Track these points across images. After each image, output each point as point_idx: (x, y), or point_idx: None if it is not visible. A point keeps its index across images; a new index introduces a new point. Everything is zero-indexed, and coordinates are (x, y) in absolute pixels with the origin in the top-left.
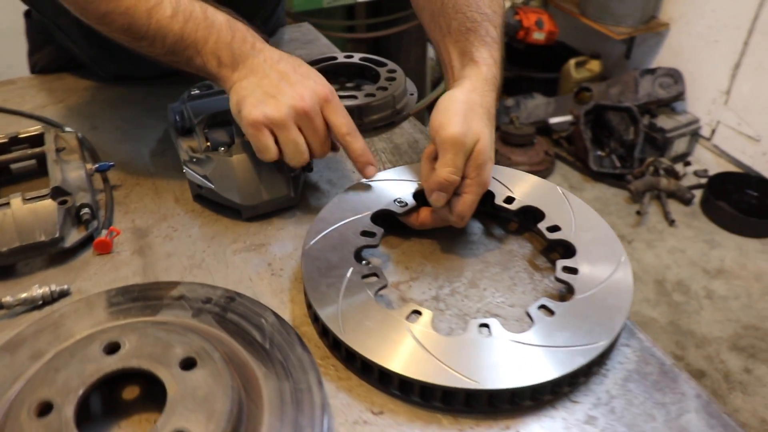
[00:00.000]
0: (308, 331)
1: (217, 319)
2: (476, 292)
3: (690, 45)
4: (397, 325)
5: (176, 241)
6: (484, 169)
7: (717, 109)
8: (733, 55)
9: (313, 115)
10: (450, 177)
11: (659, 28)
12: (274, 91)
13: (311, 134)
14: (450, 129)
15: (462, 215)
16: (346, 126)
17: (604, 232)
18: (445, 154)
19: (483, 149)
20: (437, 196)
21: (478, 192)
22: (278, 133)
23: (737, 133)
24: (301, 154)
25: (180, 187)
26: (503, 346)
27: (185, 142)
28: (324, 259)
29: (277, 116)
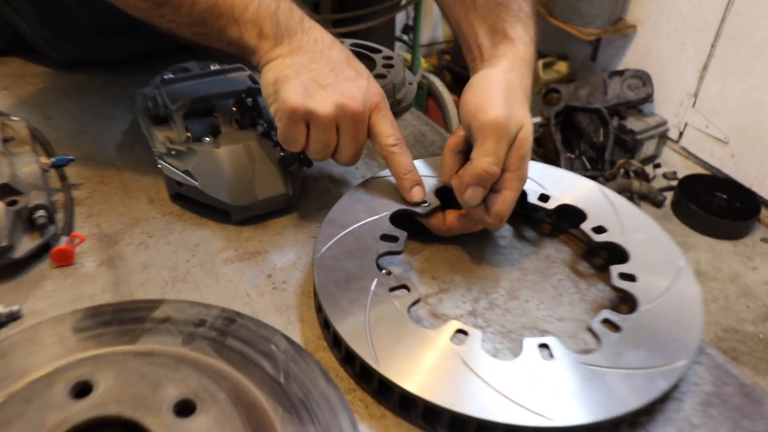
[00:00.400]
0: (325, 358)
1: (214, 347)
2: (518, 304)
3: (657, 47)
4: (441, 349)
5: (153, 249)
6: (526, 161)
7: (685, 111)
8: (701, 58)
9: (361, 120)
10: (491, 168)
11: (626, 29)
12: (324, 80)
13: (348, 140)
14: (492, 112)
15: (501, 215)
16: (394, 138)
17: (655, 233)
18: (485, 141)
19: (526, 138)
20: (473, 193)
21: (518, 188)
22: (314, 129)
23: (705, 135)
24: (326, 155)
25: (154, 185)
26: (570, 371)
27: (161, 132)
28: (341, 269)
29: (321, 112)
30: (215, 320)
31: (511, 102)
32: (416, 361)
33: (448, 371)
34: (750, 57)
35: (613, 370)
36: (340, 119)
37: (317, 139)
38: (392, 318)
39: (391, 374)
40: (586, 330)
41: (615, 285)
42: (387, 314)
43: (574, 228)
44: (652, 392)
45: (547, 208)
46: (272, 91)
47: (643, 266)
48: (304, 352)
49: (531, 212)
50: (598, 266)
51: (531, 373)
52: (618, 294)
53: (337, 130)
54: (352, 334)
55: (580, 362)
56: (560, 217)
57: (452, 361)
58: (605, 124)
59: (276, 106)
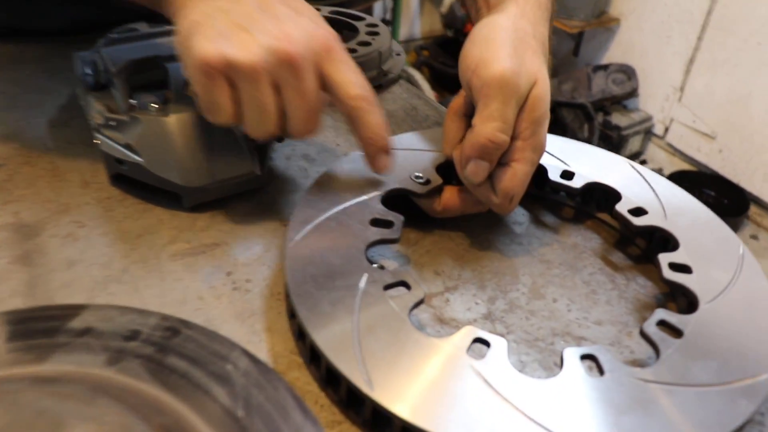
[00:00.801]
0: (300, 379)
1: (150, 368)
2: (543, 305)
3: (641, 41)
4: (456, 365)
5: (83, 242)
6: (542, 126)
7: (670, 106)
8: (687, 51)
9: (303, 66)
10: (496, 136)
11: (610, 23)
12: (247, 21)
13: (294, 96)
14: (496, 66)
15: (510, 194)
16: (357, 86)
17: (704, 216)
18: (488, 102)
19: (541, 96)
20: (475, 168)
21: (533, 160)
22: (241, 86)
23: (692, 130)
24: (268, 124)
25: (91, 166)
26: (628, 391)
27: (99, 100)
28: (321, 263)
29: (243, 59)
30: (153, 331)
31: (521, 52)
32: (422, 383)
33: (466, 395)
34: (738, 50)
35: (681, 388)
36: (273, 69)
37: (249, 101)
38: (388, 324)
39: (389, 401)
40: (629, 335)
41: (666, 278)
42: (381, 319)
43: (603, 211)
44: (735, 416)
45: (573, 186)
46: (183, 45)
47: (697, 255)
48: (271, 373)
49: (550, 194)
50: (635, 257)
51: (576, 394)
52: (665, 290)
53: (276, 89)
54: (336, 346)
55: (637, 378)
56: (586, 199)
57: (471, 381)
58: (590, 119)
59: (187, 64)
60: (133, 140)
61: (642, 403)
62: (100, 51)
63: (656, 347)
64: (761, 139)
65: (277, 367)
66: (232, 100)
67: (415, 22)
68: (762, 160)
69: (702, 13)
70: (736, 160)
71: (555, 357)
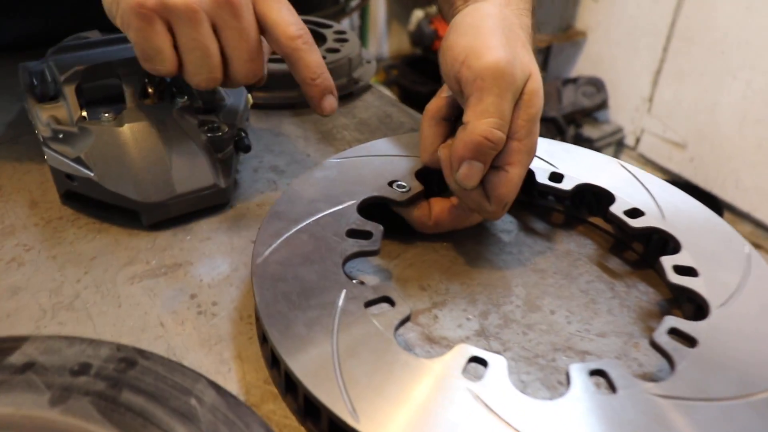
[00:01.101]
0: (276, 412)
1: (101, 407)
2: (541, 317)
3: (609, 53)
4: (451, 388)
5: (29, 267)
6: (537, 125)
7: (640, 116)
8: (654, 62)
9: (241, 5)
10: (494, 133)
11: (577, 36)
12: None
13: (234, 37)
14: (490, 55)
15: (505, 200)
16: (295, 26)
17: (704, 215)
18: (482, 95)
19: (537, 90)
20: (469, 171)
21: (527, 163)
22: (179, 28)
23: (662, 140)
24: (212, 69)
25: (41, 184)
26: (645, 409)
27: (46, 110)
28: (293, 279)
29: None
30: (105, 364)
31: (513, 42)
32: (413, 410)
33: (464, 423)
34: (703, 59)
35: (702, 404)
36: (212, 10)
37: (188, 44)
38: (372, 345)
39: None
40: (636, 346)
41: (672, 282)
42: (364, 340)
43: (595, 215)
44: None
45: (562, 189)
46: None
47: (701, 256)
48: (242, 407)
49: (538, 198)
50: (633, 262)
51: (588, 416)
52: (668, 296)
53: (215, 30)
54: (315, 373)
55: (654, 394)
56: (576, 203)
57: (469, 405)
58: (561, 132)
59: (120, 12)
60: (84, 153)
61: (662, 422)
62: (47, 61)
63: (670, 358)
64: (731, 147)
65: (250, 400)
66: (171, 46)
67: (383, 41)
68: (732, 167)
69: (666, 25)
70: (707, 168)
71: (558, 375)
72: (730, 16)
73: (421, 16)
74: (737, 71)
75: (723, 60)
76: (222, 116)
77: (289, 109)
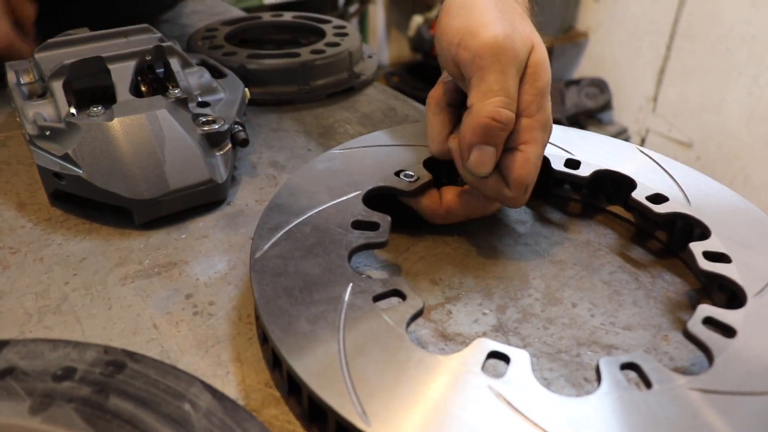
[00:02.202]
0: (279, 417)
1: (86, 414)
2: (562, 310)
3: (611, 54)
4: (470, 387)
5: (15, 270)
6: (547, 98)
7: (645, 116)
8: (657, 61)
9: None
10: (500, 113)
11: (578, 38)
12: None
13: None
14: (486, 32)
15: (525, 182)
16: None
17: (732, 200)
18: (484, 74)
19: (542, 61)
20: (480, 156)
21: (544, 140)
22: None
23: (668, 139)
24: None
25: (29, 186)
26: (685, 406)
27: (33, 108)
28: (295, 273)
29: None
30: (91, 368)
31: (510, 16)
32: (429, 411)
33: (487, 424)
34: (707, 56)
35: (748, 398)
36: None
37: None
38: (382, 342)
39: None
40: (666, 339)
41: (704, 269)
42: (373, 337)
43: (615, 203)
44: None
45: (580, 175)
46: None
47: (732, 242)
48: (241, 412)
49: (553, 187)
50: (657, 251)
51: (623, 414)
52: (697, 285)
53: None
54: (320, 373)
55: (693, 388)
56: (594, 191)
57: (491, 405)
58: None
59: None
60: (72, 150)
61: (702, 418)
62: (34, 58)
63: (707, 350)
64: (737, 144)
65: (250, 404)
66: None
67: (383, 48)
68: (740, 165)
69: (669, 23)
70: (714, 167)
71: (584, 371)
72: (735, 12)
73: (421, 22)
74: (743, 67)
75: (728, 56)
76: (218, 110)
77: (288, 105)
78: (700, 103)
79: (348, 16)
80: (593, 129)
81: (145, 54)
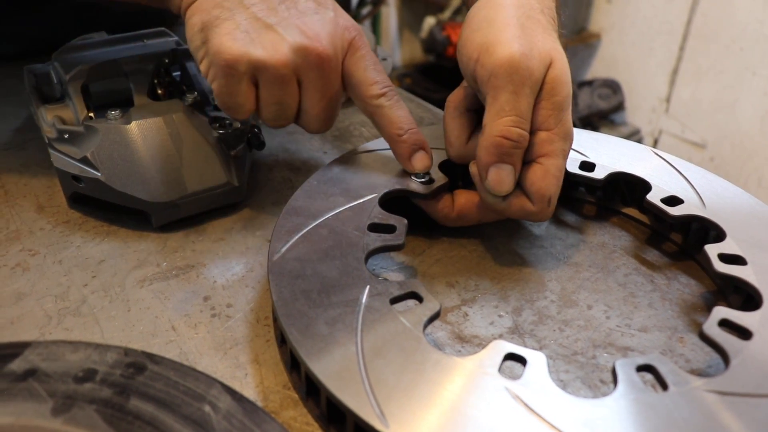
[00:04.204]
0: (297, 419)
1: (107, 415)
2: (577, 313)
3: (624, 54)
4: (488, 389)
5: (35, 272)
6: (566, 112)
7: (658, 117)
8: (670, 61)
9: (330, 66)
10: (511, 131)
11: (591, 39)
12: (272, 16)
13: (316, 96)
14: (502, 50)
15: (547, 195)
16: (380, 86)
17: (747, 202)
18: (498, 93)
19: (560, 77)
20: (498, 175)
21: (565, 151)
22: (265, 87)
23: (681, 140)
24: (287, 120)
25: (47, 189)
26: (701, 408)
27: (51, 111)
28: (313, 276)
29: (273, 61)
30: (112, 370)
31: (530, 31)
32: (446, 413)
33: (504, 425)
34: (721, 56)
35: (764, 400)
36: (300, 69)
37: (271, 100)
38: (400, 344)
39: None
40: (681, 341)
41: (719, 271)
42: (391, 339)
43: (629, 206)
44: None
45: (595, 178)
46: (200, 42)
47: (748, 244)
48: (260, 414)
49: (567, 189)
50: (672, 253)
51: (640, 416)
52: (712, 287)
53: (298, 83)
54: (338, 374)
55: (710, 390)
56: (608, 193)
57: (508, 407)
58: None
59: (207, 61)
60: (90, 153)
61: (718, 420)
62: (53, 62)
63: (723, 352)
64: (752, 145)
65: (268, 406)
66: (253, 97)
67: (395, 50)
68: (754, 165)
69: (682, 23)
70: (728, 168)
71: (599, 372)
72: (748, 12)
73: (433, 23)
74: (757, 67)
75: (742, 56)
76: None
77: None
78: (714, 103)
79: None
80: (606, 130)
81: (162, 57)
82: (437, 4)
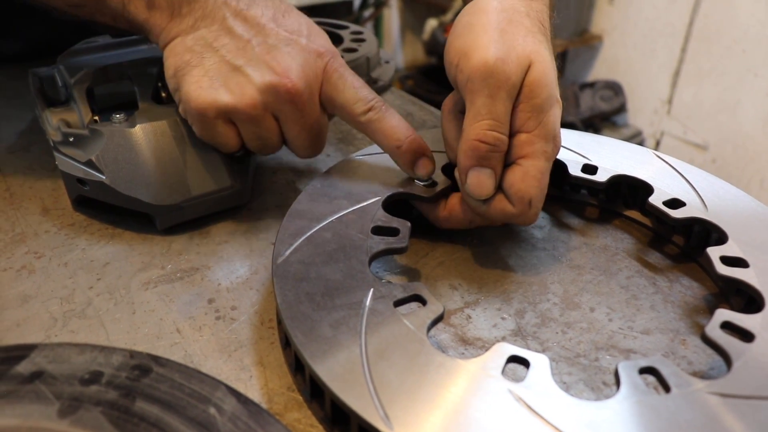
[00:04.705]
0: (302, 420)
1: (114, 417)
2: (580, 315)
3: (626, 56)
4: (491, 391)
5: (40, 274)
6: (547, 114)
7: (660, 119)
8: (672, 63)
9: (303, 99)
10: (486, 135)
11: (592, 41)
12: (240, 57)
13: (295, 128)
14: (477, 55)
15: (526, 197)
16: (364, 102)
17: (749, 205)
18: (475, 98)
19: (539, 79)
20: (478, 179)
21: (547, 153)
22: (241, 126)
23: (683, 142)
24: (274, 148)
25: (52, 192)
26: (704, 410)
27: (56, 114)
28: (317, 279)
29: (241, 105)
30: (117, 372)
31: (510, 35)
32: (450, 415)
33: (508, 427)
34: (722, 58)
35: (766, 403)
36: (272, 105)
37: (250, 136)
38: (404, 346)
39: None
40: (684, 343)
41: (721, 273)
42: (395, 341)
43: (632, 208)
44: None
45: (597, 181)
46: (174, 87)
47: (750, 247)
48: (265, 416)
49: (570, 192)
50: (674, 256)
51: (642, 418)
52: (714, 290)
53: (276, 118)
54: (342, 377)
55: (712, 393)
56: (611, 195)
57: (511, 409)
58: None
59: (182, 107)
60: (95, 156)
61: (720, 422)
62: (58, 65)
63: (725, 354)
64: (754, 146)
65: (273, 408)
66: (235, 135)
67: (398, 51)
68: (756, 167)
69: (684, 25)
70: (730, 169)
71: (602, 375)
72: (750, 14)
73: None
74: (759, 69)
75: (744, 58)
76: None
77: None
78: (716, 105)
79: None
80: (608, 132)
81: None
82: (439, 6)
